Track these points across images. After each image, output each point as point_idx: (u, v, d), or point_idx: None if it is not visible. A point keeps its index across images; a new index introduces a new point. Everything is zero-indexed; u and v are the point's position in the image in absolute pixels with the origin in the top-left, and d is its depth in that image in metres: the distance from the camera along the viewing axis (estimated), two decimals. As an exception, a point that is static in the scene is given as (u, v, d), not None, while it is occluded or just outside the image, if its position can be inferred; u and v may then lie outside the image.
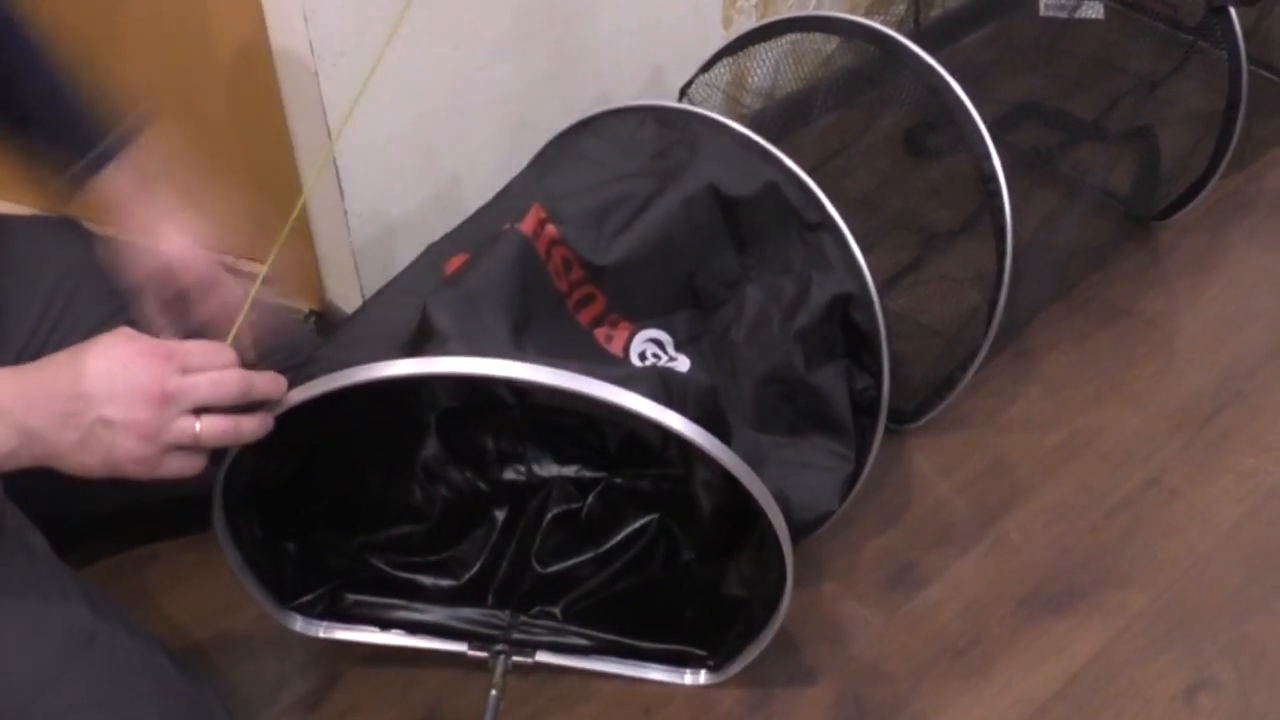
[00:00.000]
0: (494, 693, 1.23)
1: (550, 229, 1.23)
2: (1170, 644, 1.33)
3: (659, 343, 1.26)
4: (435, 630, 1.30)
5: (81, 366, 0.86)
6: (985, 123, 1.42)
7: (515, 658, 1.27)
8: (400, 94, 1.45)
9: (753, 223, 1.30)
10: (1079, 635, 1.35)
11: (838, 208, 1.30)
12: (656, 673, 1.27)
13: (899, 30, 1.82)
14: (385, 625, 1.30)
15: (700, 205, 1.28)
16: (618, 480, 1.33)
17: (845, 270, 1.28)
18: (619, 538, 1.31)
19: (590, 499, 1.33)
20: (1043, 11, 1.78)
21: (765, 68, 1.68)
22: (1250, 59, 1.75)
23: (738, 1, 1.79)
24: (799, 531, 1.27)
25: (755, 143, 1.31)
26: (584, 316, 1.25)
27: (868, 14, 1.96)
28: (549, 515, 1.33)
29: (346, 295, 1.56)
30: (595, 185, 1.33)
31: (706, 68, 1.64)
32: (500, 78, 1.55)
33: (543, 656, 1.28)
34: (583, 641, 1.29)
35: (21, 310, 1.14)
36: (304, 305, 1.61)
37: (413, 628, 1.30)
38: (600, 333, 1.26)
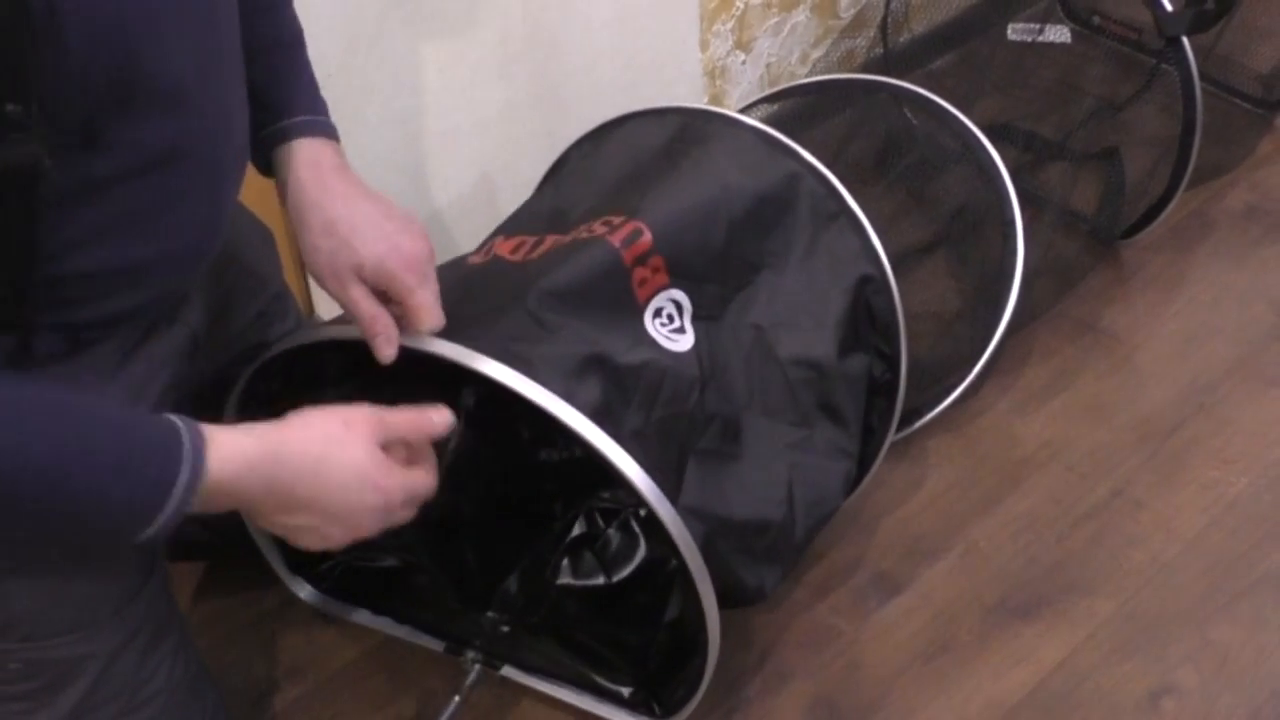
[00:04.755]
0: (456, 698, 1.25)
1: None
2: (1135, 650, 1.36)
3: (679, 305, 1.25)
4: (422, 625, 1.33)
5: (329, 471, 0.89)
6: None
7: (486, 667, 1.29)
8: (386, 115, 1.47)
9: (775, 212, 1.32)
10: (1046, 642, 1.37)
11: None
12: (610, 712, 1.29)
13: (869, 56, 1.87)
14: (378, 610, 1.34)
15: (736, 192, 1.29)
16: (641, 512, 1.35)
17: (865, 255, 1.32)
18: (631, 568, 1.33)
19: (610, 528, 1.35)
20: (1010, 36, 1.81)
21: (740, 90, 1.72)
22: (1211, 81, 1.79)
23: (714, 26, 1.82)
24: (809, 532, 1.28)
25: (775, 138, 1.34)
26: (629, 254, 1.20)
27: (838, 39, 2.00)
28: (569, 537, 1.35)
29: (335, 313, 1.57)
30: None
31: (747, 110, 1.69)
32: (484, 100, 1.57)
33: (509, 671, 1.30)
34: (549, 664, 1.31)
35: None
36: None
37: (401, 618, 1.33)
38: (639, 273, 1.21)
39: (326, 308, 1.60)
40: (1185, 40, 1.68)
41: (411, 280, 1.01)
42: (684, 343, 1.22)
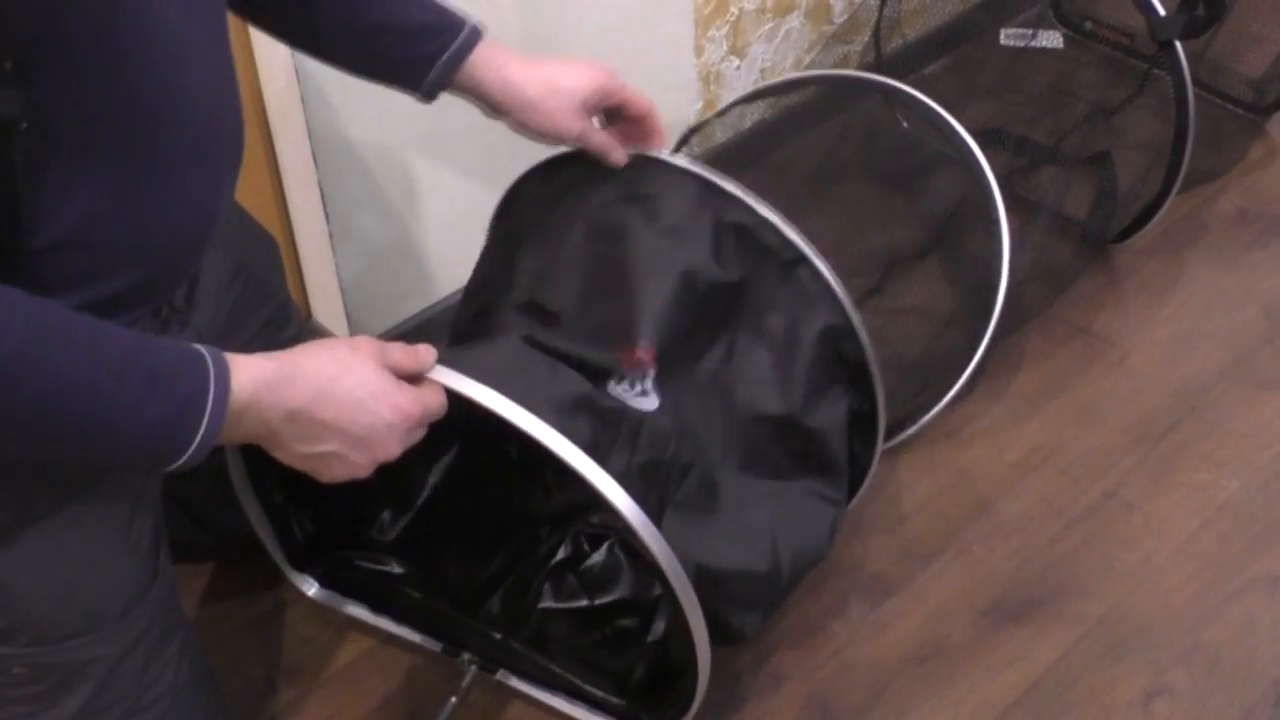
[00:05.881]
0: (453, 699, 1.26)
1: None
2: (1127, 652, 1.37)
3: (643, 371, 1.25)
4: (420, 626, 1.34)
5: (343, 388, 0.90)
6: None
7: (482, 670, 1.30)
8: (382, 119, 1.48)
9: (735, 266, 1.28)
10: (1038, 644, 1.38)
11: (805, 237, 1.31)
12: None
13: (861, 61, 1.88)
14: (378, 609, 1.34)
15: (702, 275, 1.24)
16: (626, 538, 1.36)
17: (827, 304, 1.28)
18: (614, 593, 1.34)
19: (597, 553, 1.36)
20: (1003, 41, 1.82)
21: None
22: (1203, 86, 1.80)
23: (709, 32, 1.83)
24: (795, 579, 1.29)
25: (722, 187, 1.27)
26: (628, 364, 1.22)
27: (830, 44, 2.01)
28: (554, 560, 1.36)
29: (332, 317, 1.58)
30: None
31: (722, 113, 1.68)
32: (479, 105, 1.58)
33: (504, 675, 1.31)
34: (543, 672, 1.31)
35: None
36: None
37: (400, 618, 1.34)
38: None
39: (323, 312, 1.61)
40: (1178, 45, 1.69)
41: (616, 80, 1.20)
42: (649, 404, 1.22)
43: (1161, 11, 1.69)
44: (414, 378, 0.98)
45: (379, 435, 0.92)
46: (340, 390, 0.90)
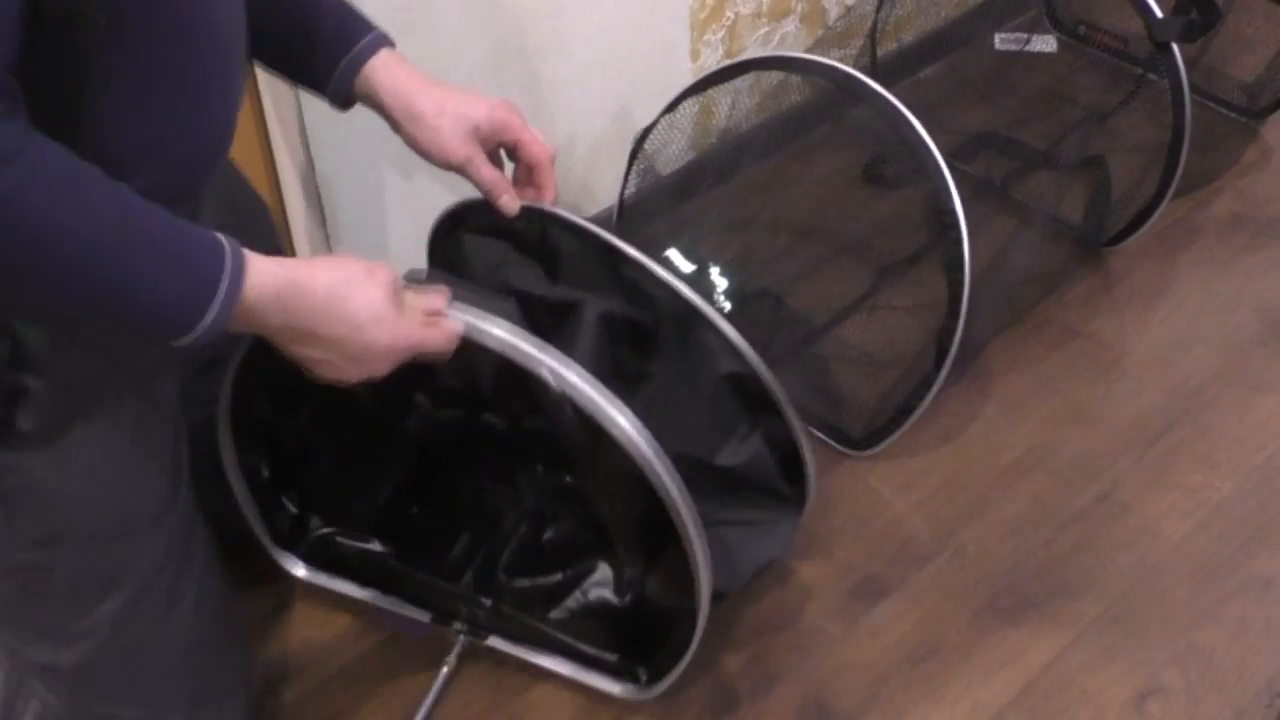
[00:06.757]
0: (445, 669, 1.28)
1: None
2: (1121, 653, 1.37)
3: None
4: (408, 597, 1.35)
5: (348, 309, 0.94)
6: (942, 154, 1.45)
7: (472, 638, 1.31)
8: (381, 122, 1.49)
9: (647, 310, 1.28)
10: (1033, 644, 1.38)
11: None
12: (595, 679, 1.30)
13: (857, 65, 1.88)
14: (364, 583, 1.36)
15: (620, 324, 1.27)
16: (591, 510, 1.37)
17: (726, 353, 1.26)
18: (583, 564, 1.35)
19: (562, 525, 1.36)
20: (998, 46, 1.83)
21: (727, 102, 1.72)
22: (1197, 91, 1.80)
23: (705, 36, 1.83)
24: (745, 582, 1.32)
25: (617, 248, 1.24)
26: None
27: (827, 48, 2.02)
28: (518, 534, 1.36)
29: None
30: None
31: (671, 108, 1.67)
32: (476, 109, 1.59)
33: (495, 641, 1.32)
34: (535, 636, 1.32)
35: None
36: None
37: (388, 589, 1.36)
38: None
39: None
40: (1175, 47, 1.69)
41: (518, 119, 1.17)
42: None
43: (1159, 13, 1.70)
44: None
45: (372, 357, 0.97)
46: (345, 311, 0.94)
